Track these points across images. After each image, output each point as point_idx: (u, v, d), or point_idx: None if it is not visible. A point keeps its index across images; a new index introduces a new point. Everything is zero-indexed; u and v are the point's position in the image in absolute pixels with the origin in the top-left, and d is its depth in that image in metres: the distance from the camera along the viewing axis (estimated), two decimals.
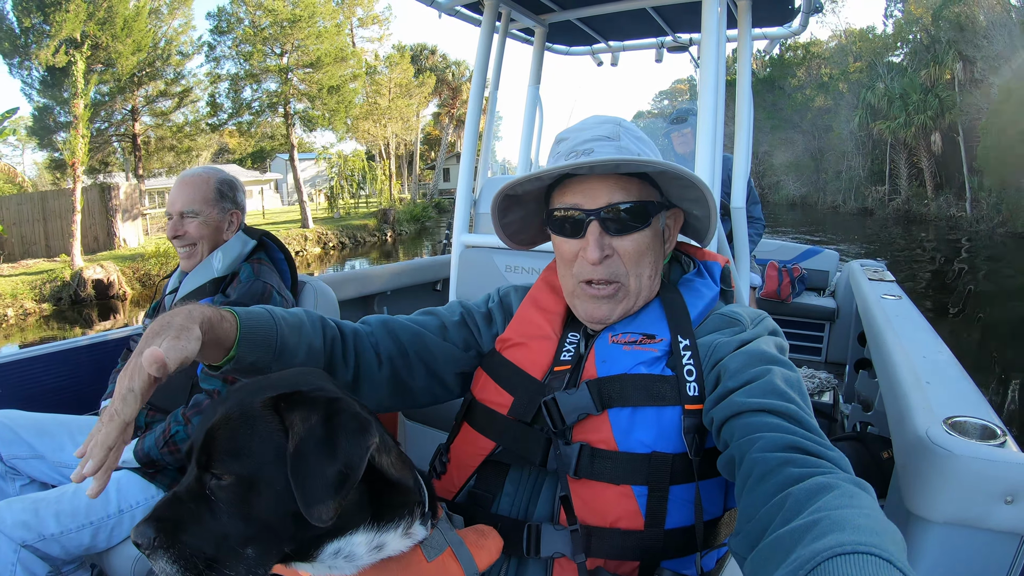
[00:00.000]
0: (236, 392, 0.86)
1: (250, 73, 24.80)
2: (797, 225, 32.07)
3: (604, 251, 1.09)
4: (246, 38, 24.16)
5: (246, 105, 25.62)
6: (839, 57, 42.95)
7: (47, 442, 1.95)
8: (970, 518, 1.10)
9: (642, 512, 1.01)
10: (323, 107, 25.92)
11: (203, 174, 2.14)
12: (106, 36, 19.73)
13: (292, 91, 25.17)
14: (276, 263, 2.21)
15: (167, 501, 0.80)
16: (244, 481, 0.78)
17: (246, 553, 0.78)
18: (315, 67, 25.00)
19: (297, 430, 0.79)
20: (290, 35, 24.06)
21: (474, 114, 3.12)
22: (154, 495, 1.81)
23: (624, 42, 3.99)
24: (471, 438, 1.19)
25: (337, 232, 27.02)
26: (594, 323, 1.17)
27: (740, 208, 2.80)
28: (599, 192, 1.10)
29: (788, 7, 3.10)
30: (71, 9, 18.12)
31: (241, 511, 0.78)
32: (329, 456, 0.78)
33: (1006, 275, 17.15)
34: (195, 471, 0.80)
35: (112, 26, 19.78)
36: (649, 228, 1.12)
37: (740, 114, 2.88)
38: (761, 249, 5.19)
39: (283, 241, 2.26)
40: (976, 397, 1.40)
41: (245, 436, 0.80)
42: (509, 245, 1.37)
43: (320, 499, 0.76)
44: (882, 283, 3.04)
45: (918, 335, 1.97)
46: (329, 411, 0.82)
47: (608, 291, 1.12)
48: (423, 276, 3.91)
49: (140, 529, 0.76)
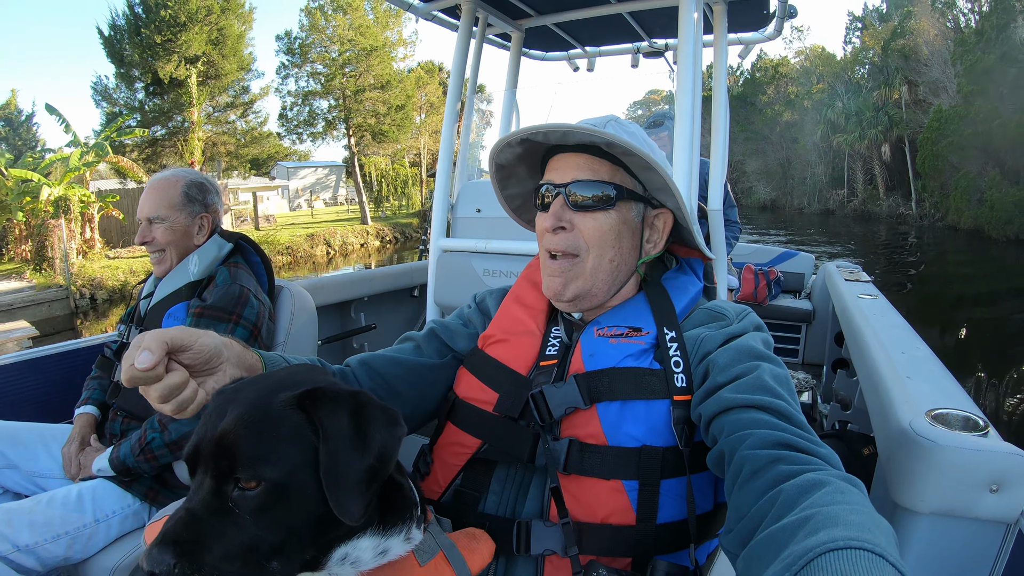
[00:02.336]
0: (238, 393, 0.81)
1: (327, 91, 29.56)
2: (768, 225, 37.23)
3: (560, 222, 1.12)
4: (324, 62, 28.93)
5: (322, 118, 30.53)
6: (804, 77, 48.76)
7: (20, 451, 1.91)
8: (956, 508, 1.11)
9: (633, 507, 1.00)
10: (391, 122, 30.78)
11: (171, 178, 2.09)
12: (217, 54, 23.58)
13: (358, 107, 29.82)
14: (253, 267, 2.17)
15: (182, 520, 0.71)
16: (275, 487, 0.73)
17: (271, 566, 0.73)
18: (384, 88, 29.87)
19: (328, 426, 0.76)
20: (365, 61, 28.90)
21: (450, 119, 3.12)
22: (130, 504, 1.77)
23: (600, 47, 4.01)
24: (455, 437, 1.17)
25: (391, 228, 31.65)
26: (552, 298, 1.19)
27: (717, 210, 2.82)
28: (569, 169, 1.14)
29: (763, 12, 3.14)
30: (197, 30, 22.10)
31: (271, 520, 0.73)
32: (362, 451, 0.75)
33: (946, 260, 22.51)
34: (210, 483, 0.74)
35: (223, 46, 23.74)
36: (614, 211, 1.13)
37: (716, 118, 2.90)
38: (737, 252, 5.23)
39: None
40: (957, 390, 1.42)
41: (273, 438, 0.75)
42: (516, 219, 1.41)
43: (353, 496, 0.73)
44: (858, 283, 3.07)
45: (896, 332, 2.00)
46: (356, 404, 0.79)
47: (563, 265, 1.14)
48: (400, 282, 3.88)
49: (154, 556, 0.67)
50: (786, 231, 33.57)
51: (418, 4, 3.11)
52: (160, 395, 0.80)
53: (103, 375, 2.16)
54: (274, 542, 0.73)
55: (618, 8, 3.10)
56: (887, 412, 1.34)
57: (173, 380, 0.81)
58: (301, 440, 0.76)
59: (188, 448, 0.78)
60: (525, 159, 1.25)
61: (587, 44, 3.96)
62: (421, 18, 3.22)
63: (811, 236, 30.73)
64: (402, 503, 0.88)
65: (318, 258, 25.83)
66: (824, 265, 4.35)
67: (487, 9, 3.18)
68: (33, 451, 1.93)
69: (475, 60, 3.26)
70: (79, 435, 1.95)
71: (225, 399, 0.80)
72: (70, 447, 1.91)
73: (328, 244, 26.75)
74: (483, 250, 2.78)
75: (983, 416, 1.25)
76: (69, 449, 1.91)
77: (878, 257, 23.05)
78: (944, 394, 1.39)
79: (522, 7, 3.22)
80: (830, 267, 3.90)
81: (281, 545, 0.73)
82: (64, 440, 1.96)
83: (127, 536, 1.76)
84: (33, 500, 1.66)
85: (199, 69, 22.57)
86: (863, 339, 1.97)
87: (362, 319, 3.66)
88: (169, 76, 22.10)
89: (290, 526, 0.74)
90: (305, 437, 0.76)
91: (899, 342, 1.87)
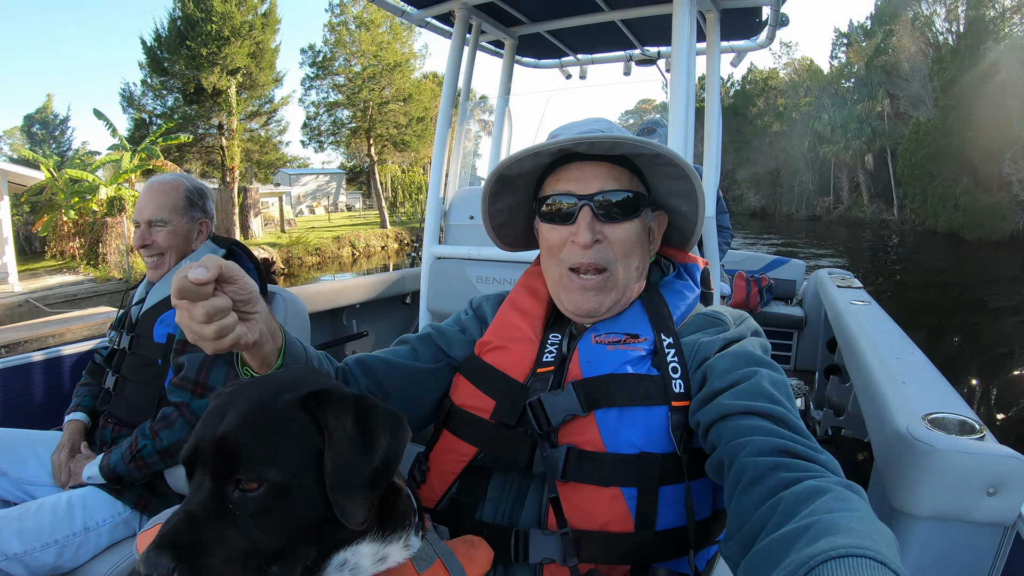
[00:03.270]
0: (242, 395, 0.79)
1: (352, 103, 31.42)
2: (759, 231, 39.76)
3: (595, 235, 1.09)
4: (348, 75, 30.77)
5: (346, 127, 32.64)
6: (792, 90, 51.87)
7: (10, 458, 1.88)
8: (954, 511, 1.11)
9: (632, 514, 1.00)
10: (411, 132, 32.83)
11: (172, 181, 2.07)
12: (255, 67, 25.53)
13: (382, 119, 31.82)
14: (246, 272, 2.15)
15: (180, 522, 0.70)
16: (277, 489, 0.72)
17: (272, 571, 0.71)
18: (407, 101, 31.89)
19: (333, 429, 0.75)
20: (388, 76, 30.94)
21: (443, 126, 3.12)
22: (120, 512, 1.75)
23: (593, 55, 4.03)
24: (451, 445, 1.17)
25: (408, 232, 32.38)
26: (582, 316, 1.16)
27: (710, 217, 2.83)
28: (592, 179, 1.10)
29: (756, 20, 3.16)
30: (239, 44, 24.13)
31: (272, 523, 0.71)
32: (367, 454, 0.74)
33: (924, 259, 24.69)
34: (209, 485, 0.72)
35: (260, 59, 25.67)
36: (639, 220, 1.12)
37: (709, 126, 2.92)
38: (729, 259, 5.24)
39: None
40: (952, 394, 1.43)
41: (277, 438, 0.74)
42: (493, 237, 1.34)
43: (356, 500, 0.72)
44: (850, 290, 3.09)
45: (890, 338, 2.00)
46: (361, 407, 0.78)
47: (597, 281, 1.12)
48: (393, 289, 3.88)
49: (152, 559, 0.65)
50: (776, 236, 35.93)
51: (412, 11, 3.12)
52: (206, 312, 0.79)
53: (93, 381, 2.13)
54: (275, 546, 0.71)
55: (611, 16, 3.11)
56: (883, 417, 1.35)
57: (219, 302, 0.80)
58: (305, 442, 0.75)
59: (186, 449, 0.76)
60: (529, 170, 1.20)
61: (580, 52, 3.98)
62: (414, 24, 3.23)
63: (799, 240, 33.31)
64: (401, 509, 0.87)
65: (344, 259, 27.11)
66: (815, 272, 4.37)
67: (480, 16, 3.19)
68: (22, 458, 1.90)
69: (468, 67, 3.27)
70: (69, 442, 1.93)
71: (224, 400, 0.79)
72: (60, 454, 1.89)
73: (353, 246, 28.11)
74: (476, 257, 2.78)
75: (979, 420, 1.25)
76: (59, 456, 1.88)
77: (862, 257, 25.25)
78: (940, 398, 1.40)
79: (515, 14, 3.23)
80: (822, 274, 3.92)
81: (282, 549, 0.72)
82: (54, 447, 1.94)
83: (117, 545, 1.73)
84: (22, 508, 1.63)
85: (237, 80, 24.82)
86: (856, 345, 1.98)
87: (354, 326, 3.65)
88: (212, 86, 24.11)
89: (291, 530, 0.73)
90: (309, 439, 0.75)
91: (893, 347, 1.88)
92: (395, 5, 3.09)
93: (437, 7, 3.08)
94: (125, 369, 1.98)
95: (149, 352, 1.95)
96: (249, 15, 24.87)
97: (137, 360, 1.97)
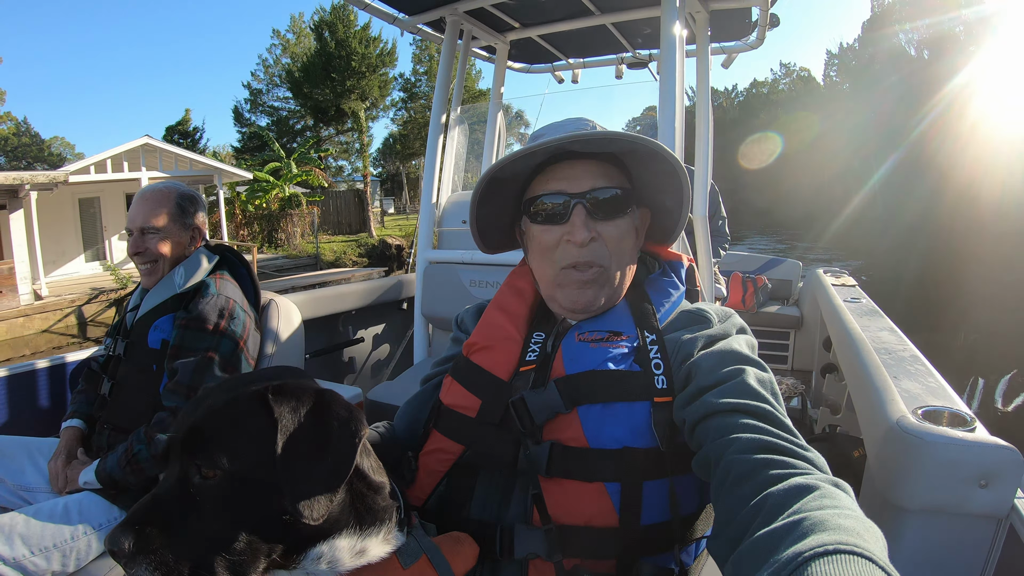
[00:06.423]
0: (219, 387, 0.82)
1: None
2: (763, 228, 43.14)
3: (591, 233, 1.09)
4: None
5: None
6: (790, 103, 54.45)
7: (7, 464, 1.90)
8: (947, 504, 1.11)
9: (616, 509, 1.00)
10: None
11: (164, 189, 2.08)
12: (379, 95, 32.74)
13: None
14: (239, 278, 2.17)
15: (145, 504, 0.73)
16: (233, 478, 0.73)
17: (232, 559, 0.72)
18: None
19: (286, 422, 0.75)
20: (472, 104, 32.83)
21: (435, 131, 3.14)
22: (116, 516, 1.75)
23: (584, 59, 4.04)
24: (439, 443, 1.17)
25: None
26: (578, 311, 1.15)
27: (701, 217, 2.84)
28: (583, 177, 1.11)
29: (745, 21, 3.18)
30: (373, 76, 31.22)
31: (229, 511, 0.73)
32: (320, 449, 0.75)
33: None
34: (176, 470, 0.75)
35: (384, 88, 33.01)
36: (629, 216, 1.13)
37: (700, 126, 2.93)
38: (725, 260, 5.25)
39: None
40: (943, 388, 1.43)
41: (235, 429, 0.75)
42: (477, 241, 1.33)
43: (310, 494, 0.73)
44: (845, 288, 3.10)
45: (883, 334, 2.01)
46: (317, 402, 0.79)
47: (592, 275, 1.11)
48: (389, 295, 3.88)
49: (115, 535, 0.68)
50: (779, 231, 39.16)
51: (403, 18, 3.14)
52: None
53: (89, 388, 2.14)
54: (235, 534, 0.72)
55: (602, 19, 3.13)
56: (875, 412, 1.35)
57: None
58: (260, 433, 0.75)
59: (171, 436, 0.78)
60: (521, 171, 1.20)
61: (571, 56, 4.00)
62: (407, 31, 3.25)
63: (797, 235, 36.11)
64: (382, 504, 0.88)
65: None
66: (811, 271, 4.37)
67: (472, 22, 3.21)
68: (19, 464, 1.91)
69: (460, 73, 3.29)
70: (65, 448, 1.94)
71: (205, 392, 0.81)
72: (56, 460, 1.90)
73: None
74: (469, 261, 2.79)
75: (969, 412, 1.26)
76: (56, 462, 1.89)
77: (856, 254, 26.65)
78: (931, 392, 1.40)
79: (506, 19, 3.25)
80: (817, 272, 3.92)
81: (243, 538, 0.73)
82: (50, 454, 1.95)
83: None
84: (19, 513, 1.64)
85: (365, 105, 31.84)
86: (849, 342, 1.99)
87: (350, 332, 3.65)
88: (351, 109, 31.15)
89: (251, 519, 0.74)
90: (264, 430, 0.75)
91: (886, 343, 1.89)
92: (387, 12, 3.11)
93: (428, 14, 3.10)
94: (121, 375, 2.00)
95: (144, 358, 1.96)
96: (375, 49, 31.48)
97: (132, 366, 1.98)
